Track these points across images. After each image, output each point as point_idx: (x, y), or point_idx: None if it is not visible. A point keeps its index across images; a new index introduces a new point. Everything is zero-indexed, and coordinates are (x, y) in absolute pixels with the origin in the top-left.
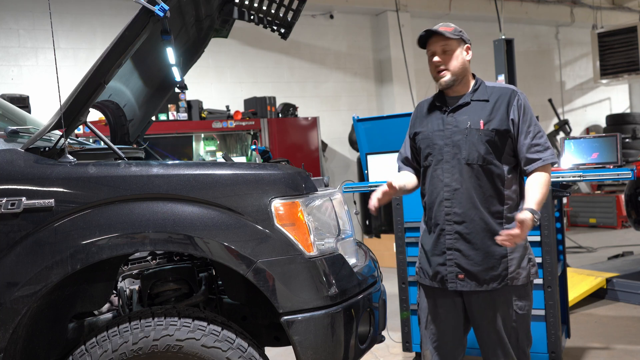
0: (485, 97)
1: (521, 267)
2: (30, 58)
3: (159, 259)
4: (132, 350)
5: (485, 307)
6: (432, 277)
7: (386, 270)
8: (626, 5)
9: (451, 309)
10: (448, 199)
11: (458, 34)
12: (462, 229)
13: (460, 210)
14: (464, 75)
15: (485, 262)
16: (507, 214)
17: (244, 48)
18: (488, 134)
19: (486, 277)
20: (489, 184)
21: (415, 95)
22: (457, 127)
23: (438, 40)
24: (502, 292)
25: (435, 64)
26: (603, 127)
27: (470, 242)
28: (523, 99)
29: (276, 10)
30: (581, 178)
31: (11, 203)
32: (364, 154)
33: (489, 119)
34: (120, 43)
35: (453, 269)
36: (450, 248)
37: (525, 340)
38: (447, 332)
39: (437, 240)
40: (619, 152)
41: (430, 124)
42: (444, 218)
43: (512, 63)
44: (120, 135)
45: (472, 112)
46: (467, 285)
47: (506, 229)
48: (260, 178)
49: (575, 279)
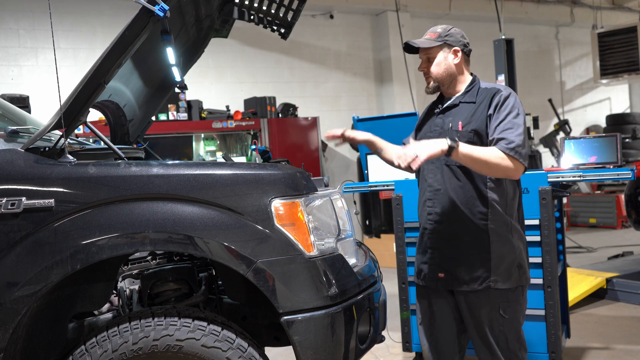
0: (473, 99)
1: (507, 271)
2: (30, 58)
3: (159, 259)
4: (132, 350)
5: (471, 309)
6: (416, 275)
7: (386, 270)
8: (626, 5)
9: (445, 308)
10: (430, 199)
11: (441, 40)
12: (443, 229)
13: (440, 210)
14: (451, 79)
15: (465, 262)
16: (492, 215)
17: (244, 48)
18: (466, 135)
19: (466, 277)
20: (470, 185)
21: (415, 96)
22: (442, 128)
23: (422, 50)
24: (487, 295)
25: (421, 70)
26: (603, 127)
27: (449, 241)
28: (506, 95)
29: (276, 10)
30: (581, 178)
31: (11, 203)
32: (364, 154)
33: (469, 120)
34: (120, 43)
35: (434, 268)
36: (431, 247)
37: (516, 344)
38: (442, 331)
39: (421, 239)
40: (619, 152)
41: (425, 125)
42: (426, 217)
43: (512, 63)
44: (120, 135)
45: (458, 114)
46: (446, 284)
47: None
48: (260, 178)
49: (575, 279)
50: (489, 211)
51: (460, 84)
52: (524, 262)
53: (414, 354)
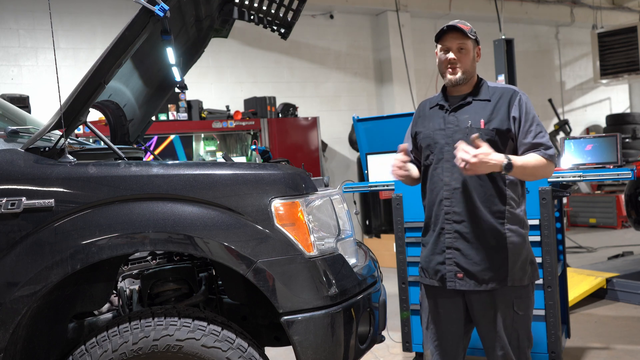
0: (487, 97)
1: (522, 269)
2: (30, 58)
3: (159, 259)
4: (132, 350)
5: (485, 307)
6: (432, 276)
7: (386, 270)
8: (626, 5)
9: (452, 308)
10: (448, 198)
11: (474, 35)
12: (462, 228)
13: (459, 209)
14: (472, 75)
15: (485, 262)
16: (508, 214)
17: (244, 48)
18: (488, 133)
19: (485, 277)
20: (490, 183)
21: (415, 95)
22: (458, 126)
23: (456, 38)
24: (503, 293)
25: (449, 60)
26: (603, 127)
27: (469, 241)
28: (525, 98)
29: (276, 10)
30: (581, 178)
31: (11, 203)
32: (364, 154)
33: (490, 119)
34: (120, 43)
35: (452, 268)
36: (450, 247)
37: (525, 342)
38: (448, 332)
39: (437, 239)
40: (619, 152)
41: (431, 123)
42: (443, 217)
43: (512, 63)
44: (120, 135)
45: (474, 112)
46: (465, 284)
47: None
48: (260, 178)
49: (575, 279)
50: (506, 209)
51: (472, 81)
52: (534, 258)
53: (414, 354)
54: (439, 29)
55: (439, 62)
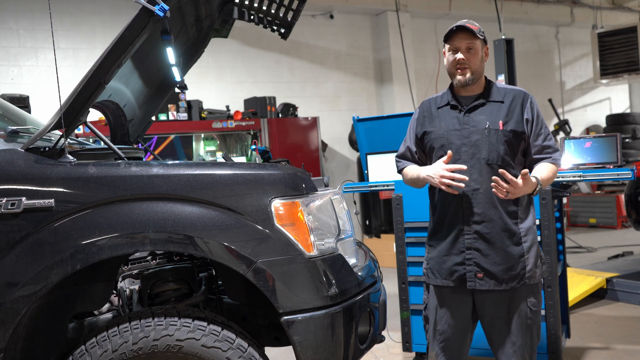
0: (500, 99)
1: (536, 266)
2: (30, 58)
3: (159, 259)
4: (132, 350)
5: (501, 306)
6: (446, 277)
7: (386, 270)
8: (626, 5)
9: (460, 309)
10: (468, 199)
11: (482, 34)
12: (482, 229)
13: (479, 210)
14: (480, 75)
15: (505, 262)
16: (521, 214)
17: (244, 48)
18: (506, 134)
19: (505, 276)
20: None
21: (415, 95)
22: (475, 127)
23: (465, 37)
24: (519, 291)
25: (458, 60)
26: (603, 127)
27: (489, 241)
28: (534, 101)
29: (276, 10)
30: (581, 178)
31: (11, 203)
32: (364, 154)
33: (506, 120)
34: (120, 43)
35: (472, 268)
36: (470, 247)
37: (535, 339)
38: (455, 332)
39: (456, 240)
40: (619, 152)
41: (443, 123)
42: (462, 218)
43: (512, 63)
44: (120, 135)
45: (489, 113)
46: (485, 284)
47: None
48: (260, 178)
49: (575, 279)
50: (518, 209)
51: (481, 81)
52: (542, 253)
53: (414, 354)
54: (448, 29)
55: (448, 62)
